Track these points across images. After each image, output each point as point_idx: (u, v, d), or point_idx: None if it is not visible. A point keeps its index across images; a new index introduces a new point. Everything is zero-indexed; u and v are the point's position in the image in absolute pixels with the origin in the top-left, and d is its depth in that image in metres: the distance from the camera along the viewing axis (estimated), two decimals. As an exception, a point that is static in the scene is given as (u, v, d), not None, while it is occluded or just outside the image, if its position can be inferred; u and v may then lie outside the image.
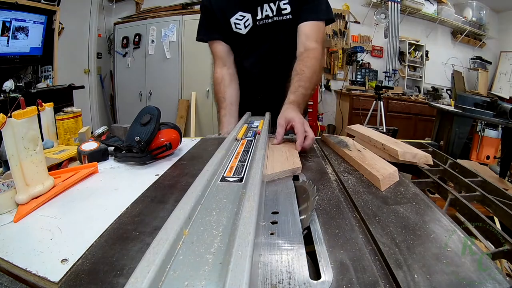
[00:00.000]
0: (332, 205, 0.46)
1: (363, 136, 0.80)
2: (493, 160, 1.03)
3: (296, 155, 0.64)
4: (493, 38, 4.24)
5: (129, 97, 3.88)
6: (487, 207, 0.53)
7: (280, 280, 0.28)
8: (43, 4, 2.66)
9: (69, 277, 0.31)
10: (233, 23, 1.03)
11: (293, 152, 0.66)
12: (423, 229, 0.38)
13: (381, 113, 2.97)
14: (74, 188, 0.57)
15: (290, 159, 0.60)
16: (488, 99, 1.07)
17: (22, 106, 0.50)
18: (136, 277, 0.23)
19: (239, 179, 0.47)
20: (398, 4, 3.70)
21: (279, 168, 0.54)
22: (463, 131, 1.07)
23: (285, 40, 1.04)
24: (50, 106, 0.87)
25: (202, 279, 0.25)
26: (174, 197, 0.48)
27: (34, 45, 2.69)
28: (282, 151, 0.66)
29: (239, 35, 1.04)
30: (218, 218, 0.35)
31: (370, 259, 0.33)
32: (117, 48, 3.84)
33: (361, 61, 3.91)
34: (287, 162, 0.58)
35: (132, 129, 0.71)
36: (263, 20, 1.02)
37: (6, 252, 0.36)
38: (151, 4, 3.91)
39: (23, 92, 2.43)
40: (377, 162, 0.60)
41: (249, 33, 1.04)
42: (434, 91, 3.94)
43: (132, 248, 0.35)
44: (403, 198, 0.47)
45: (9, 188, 0.52)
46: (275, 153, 0.65)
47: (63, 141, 0.90)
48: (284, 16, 1.00)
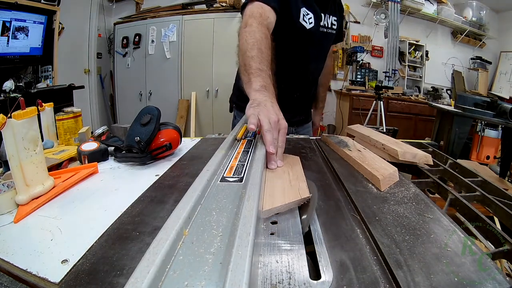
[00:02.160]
0: (332, 205, 0.46)
1: (363, 136, 0.80)
2: (493, 160, 1.03)
3: (301, 176, 0.51)
4: (493, 38, 4.24)
5: (129, 97, 3.88)
6: (487, 207, 0.53)
7: (280, 280, 0.28)
8: (43, 4, 2.66)
9: (69, 277, 0.31)
10: (302, 14, 1.01)
11: (298, 172, 0.53)
12: (423, 229, 0.38)
13: (381, 113, 2.97)
14: (74, 188, 0.57)
15: (295, 183, 0.48)
16: (488, 99, 1.07)
17: (22, 107, 0.50)
18: (136, 277, 0.23)
19: (239, 179, 0.47)
20: (398, 4, 3.69)
21: (280, 199, 0.42)
22: (463, 131, 1.07)
23: (327, 50, 1.22)
24: (50, 106, 0.87)
25: (202, 279, 0.25)
26: (174, 197, 0.48)
27: (34, 45, 2.69)
28: (284, 171, 0.54)
29: (301, 28, 1.02)
30: (218, 218, 0.35)
31: (370, 259, 0.33)
32: (117, 48, 3.84)
33: (361, 61, 3.90)
34: (291, 190, 0.45)
35: (132, 129, 0.71)
36: (324, 28, 1.10)
37: (6, 252, 0.36)
38: (151, 4, 3.91)
39: (23, 92, 2.43)
40: (377, 162, 0.60)
41: (311, 31, 1.04)
42: (434, 91, 3.94)
43: (132, 248, 0.35)
44: (403, 198, 0.47)
45: (9, 189, 0.52)
46: (275, 174, 0.53)
47: (63, 141, 0.90)
48: (333, 31, 1.14)
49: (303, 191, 0.44)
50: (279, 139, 0.58)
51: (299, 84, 1.18)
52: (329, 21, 1.11)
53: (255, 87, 0.67)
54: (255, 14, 0.85)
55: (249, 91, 0.68)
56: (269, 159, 0.55)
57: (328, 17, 1.10)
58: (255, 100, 0.63)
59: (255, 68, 0.71)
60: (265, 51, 0.76)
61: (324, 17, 1.08)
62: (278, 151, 0.57)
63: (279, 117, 0.60)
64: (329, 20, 1.11)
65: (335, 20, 1.12)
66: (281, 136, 0.59)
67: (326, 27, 1.11)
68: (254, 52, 0.74)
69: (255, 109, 0.60)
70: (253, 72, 0.70)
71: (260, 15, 0.86)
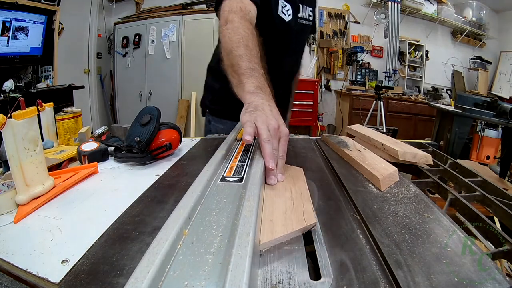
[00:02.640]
0: (332, 205, 0.46)
1: (363, 136, 0.80)
2: (493, 160, 1.03)
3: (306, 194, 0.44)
4: (493, 38, 4.24)
5: (129, 97, 3.89)
6: (487, 207, 0.53)
7: (280, 280, 0.28)
8: (43, 4, 2.67)
9: (69, 277, 0.31)
10: (280, 5, 0.96)
11: (301, 189, 0.46)
12: (423, 229, 0.38)
13: (381, 113, 2.97)
14: (74, 188, 0.57)
15: (298, 203, 0.41)
16: (488, 99, 1.07)
17: (22, 107, 0.50)
18: (136, 277, 0.23)
19: (239, 179, 0.47)
20: (398, 4, 3.70)
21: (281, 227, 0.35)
22: (463, 131, 1.07)
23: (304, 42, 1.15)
24: (50, 106, 0.87)
25: (202, 279, 0.25)
26: (174, 197, 0.48)
27: (34, 45, 2.69)
28: (286, 187, 0.46)
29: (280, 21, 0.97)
30: (218, 218, 0.35)
31: (370, 259, 0.33)
32: (117, 48, 3.85)
33: (361, 61, 3.90)
34: (294, 214, 0.38)
35: (132, 129, 0.71)
36: (302, 20, 1.04)
37: (6, 253, 0.36)
38: (151, 4, 3.91)
39: (23, 92, 2.44)
40: (377, 162, 0.60)
41: (290, 23, 0.99)
42: (434, 91, 3.94)
43: (132, 248, 0.35)
44: (403, 198, 0.47)
45: (9, 189, 0.52)
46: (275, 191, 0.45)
47: (63, 141, 0.90)
48: (309, 22, 1.08)
49: (308, 215, 0.37)
50: (279, 149, 0.52)
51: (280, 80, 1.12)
52: (306, 13, 1.07)
53: (249, 89, 0.60)
54: (235, 9, 0.78)
55: (242, 94, 0.60)
56: (268, 173, 0.48)
57: (305, 8, 1.05)
58: (250, 104, 0.56)
59: (245, 68, 0.64)
60: (253, 48, 0.69)
61: (301, 9, 1.04)
62: (278, 163, 0.50)
63: (279, 123, 0.53)
64: (306, 12, 1.06)
65: (311, 11, 1.08)
66: (282, 145, 0.52)
67: (304, 19, 1.06)
68: (241, 50, 0.66)
69: (252, 114, 0.53)
70: (244, 73, 0.63)
71: (241, 9, 0.78)
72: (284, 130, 0.53)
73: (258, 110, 0.54)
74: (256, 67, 0.65)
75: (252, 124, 0.51)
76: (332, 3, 3.93)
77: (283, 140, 0.53)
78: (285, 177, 0.50)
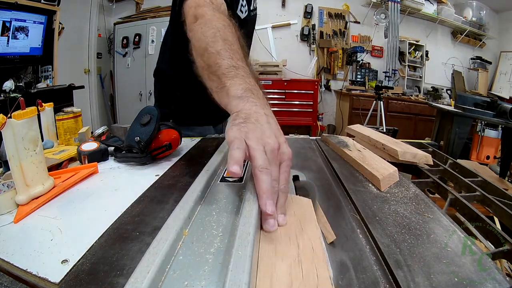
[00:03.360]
0: (332, 205, 0.46)
1: (363, 136, 0.80)
2: (493, 160, 1.03)
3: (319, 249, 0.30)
4: (493, 38, 4.24)
5: (129, 97, 3.88)
6: (487, 207, 0.53)
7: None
8: (43, 4, 2.66)
9: (69, 277, 0.31)
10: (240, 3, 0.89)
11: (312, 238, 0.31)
12: (423, 229, 0.38)
13: (381, 113, 2.97)
14: (74, 188, 0.57)
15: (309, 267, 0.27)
16: (488, 99, 1.07)
17: (22, 107, 0.50)
18: (136, 277, 0.23)
19: (239, 179, 0.47)
20: (398, 4, 3.70)
21: None
22: (463, 131, 1.07)
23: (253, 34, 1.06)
24: (50, 106, 0.87)
25: (202, 279, 0.25)
26: (174, 197, 0.48)
27: (34, 45, 2.69)
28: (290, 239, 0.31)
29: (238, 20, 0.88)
30: (218, 218, 0.35)
31: (370, 259, 0.33)
32: (117, 48, 3.85)
33: (361, 61, 3.90)
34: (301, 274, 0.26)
35: (132, 129, 0.71)
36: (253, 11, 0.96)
37: (6, 253, 0.36)
38: (151, 4, 3.91)
39: (23, 92, 2.43)
40: (377, 162, 0.60)
41: (245, 19, 0.92)
42: (434, 91, 3.94)
43: (132, 248, 0.35)
44: (403, 198, 0.47)
45: (9, 189, 0.52)
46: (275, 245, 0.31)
47: (63, 141, 0.90)
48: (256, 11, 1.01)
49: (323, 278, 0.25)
50: (280, 179, 0.37)
51: None
52: (255, 4, 1.00)
53: (235, 93, 0.44)
54: (203, 3, 0.66)
55: (227, 102, 0.45)
56: (265, 216, 0.33)
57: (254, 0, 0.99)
58: (239, 113, 0.41)
59: (226, 67, 0.48)
60: (234, 42, 0.55)
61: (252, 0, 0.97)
62: (279, 200, 0.36)
63: (279, 141, 0.39)
64: (255, 3, 1.00)
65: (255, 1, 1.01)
66: (284, 173, 0.38)
67: (254, 9, 1.00)
68: (218, 46, 0.52)
69: (241, 128, 0.39)
70: (226, 73, 0.47)
71: (211, 2, 0.67)
72: (287, 151, 0.40)
73: (249, 122, 0.40)
74: (241, 64, 0.50)
75: (241, 143, 0.37)
76: (332, 3, 3.93)
77: (285, 166, 0.39)
78: (289, 217, 0.36)
